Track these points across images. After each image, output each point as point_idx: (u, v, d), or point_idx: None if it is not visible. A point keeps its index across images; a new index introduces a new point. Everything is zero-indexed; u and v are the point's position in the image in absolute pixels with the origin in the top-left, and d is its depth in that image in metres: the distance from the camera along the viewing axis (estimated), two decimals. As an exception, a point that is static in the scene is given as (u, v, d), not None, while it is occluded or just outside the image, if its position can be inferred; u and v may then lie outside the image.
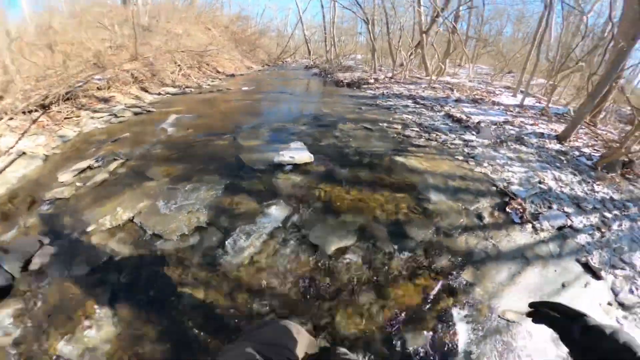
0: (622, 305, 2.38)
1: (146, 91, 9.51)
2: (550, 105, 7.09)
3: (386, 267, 2.55)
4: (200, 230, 2.84)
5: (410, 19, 15.34)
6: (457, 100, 7.77)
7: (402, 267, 2.56)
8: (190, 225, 2.88)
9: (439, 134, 5.28)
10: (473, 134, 5.31)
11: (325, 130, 5.36)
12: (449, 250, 2.78)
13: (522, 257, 2.76)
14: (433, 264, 2.62)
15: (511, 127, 5.67)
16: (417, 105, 7.35)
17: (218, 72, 14.57)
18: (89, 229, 2.82)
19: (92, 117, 6.58)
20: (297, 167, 3.89)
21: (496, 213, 3.30)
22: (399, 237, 2.85)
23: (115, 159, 4.15)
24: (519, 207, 3.35)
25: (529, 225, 3.13)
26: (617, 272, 2.66)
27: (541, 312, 0.85)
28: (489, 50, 16.57)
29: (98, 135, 5.30)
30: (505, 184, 3.74)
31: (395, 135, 5.21)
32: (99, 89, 8.32)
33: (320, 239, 2.76)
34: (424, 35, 10.85)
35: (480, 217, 3.22)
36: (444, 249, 2.78)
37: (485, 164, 4.19)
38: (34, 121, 5.72)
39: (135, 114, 6.81)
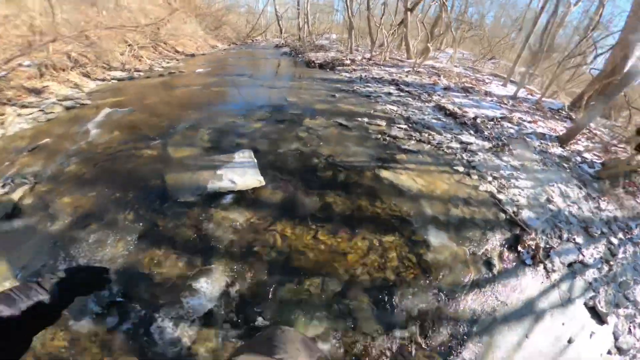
0: (619, 349, 2.30)
1: (89, 77, 8.14)
2: (543, 99, 6.47)
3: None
4: (118, 306, 1.94)
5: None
6: (446, 89, 6.97)
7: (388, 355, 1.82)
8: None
9: (432, 133, 4.48)
10: (471, 134, 4.59)
11: (287, 128, 4.29)
12: (451, 319, 2.13)
13: (532, 312, 2.36)
14: (430, 343, 1.94)
15: (510, 125, 5.03)
16: (402, 93, 6.48)
17: (177, 51, 13.07)
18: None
19: (19, 115, 5.43)
20: (241, 195, 2.82)
21: (506, 254, 2.68)
22: (386, 311, 2.09)
23: (23, 182, 3.19)
24: (532, 243, 2.83)
25: (541, 267, 2.69)
26: (620, 311, 2.56)
27: None
28: (473, 35, 15.84)
29: (19, 140, 4.37)
30: (514, 209, 3.12)
31: (379, 135, 4.27)
32: (29, 78, 6.96)
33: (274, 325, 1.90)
34: (408, 13, 9.80)
35: (489, 264, 2.55)
36: (444, 320, 2.09)
37: (490, 178, 3.51)
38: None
39: (67, 108, 5.70)
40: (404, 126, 4.60)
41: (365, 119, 4.76)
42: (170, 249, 2.25)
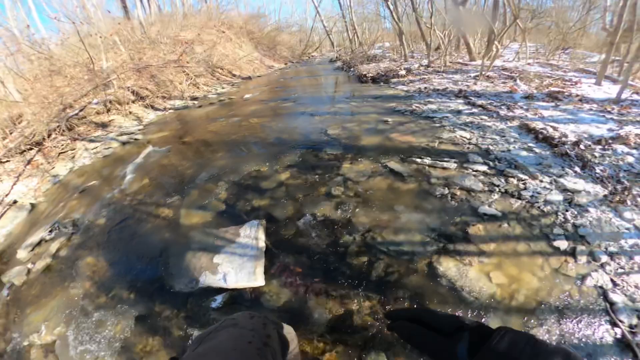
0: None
1: (152, 107, 8.56)
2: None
3: None
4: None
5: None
6: (528, 97, 5.45)
7: None
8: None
9: (523, 176, 3.00)
10: (576, 172, 3.05)
11: (318, 180, 3.34)
12: None
13: None
14: None
15: (626, 150, 3.39)
16: (474, 109, 5.11)
17: (233, 75, 13.49)
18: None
19: (86, 149, 5.85)
20: (235, 296, 2.10)
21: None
22: None
23: (64, 231, 3.24)
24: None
25: None
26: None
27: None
28: (538, 24, 14.00)
29: (77, 178, 4.67)
30: (633, 322, 1.71)
31: (445, 189, 2.91)
32: (97, 113, 7.49)
33: None
34: (460, 7, 8.76)
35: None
36: None
37: (604, 258, 2.06)
38: (29, 162, 5.24)
39: (123, 143, 5.95)
40: (482, 167, 3.21)
41: (427, 160, 3.45)
42: (162, 342, 1.85)
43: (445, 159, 3.45)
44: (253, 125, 5.69)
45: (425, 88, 6.92)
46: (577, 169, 3.08)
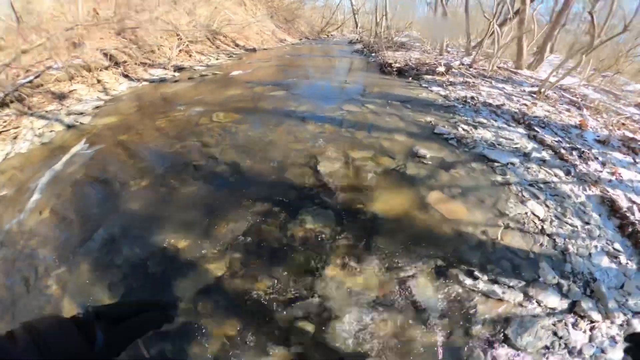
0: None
1: (127, 76, 7.01)
2: None
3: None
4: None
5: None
6: (603, 142, 3.93)
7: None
8: None
9: (594, 316, 1.88)
10: None
11: (272, 293, 1.86)
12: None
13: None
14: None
15: None
16: (543, 152, 3.56)
17: (237, 45, 11.76)
18: None
19: (31, 128, 4.59)
20: None
21: None
22: None
23: None
24: None
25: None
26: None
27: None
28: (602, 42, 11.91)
29: (2, 176, 3.42)
30: None
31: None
32: (58, 80, 5.99)
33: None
34: (527, 1, 6.82)
35: None
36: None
37: None
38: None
39: (68, 126, 4.58)
40: (554, 298, 1.97)
41: (480, 278, 1.99)
42: None
43: (506, 277, 2.01)
44: (210, 129, 3.90)
45: (473, 99, 5.13)
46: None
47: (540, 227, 2.48)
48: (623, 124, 4.59)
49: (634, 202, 2.83)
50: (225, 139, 3.61)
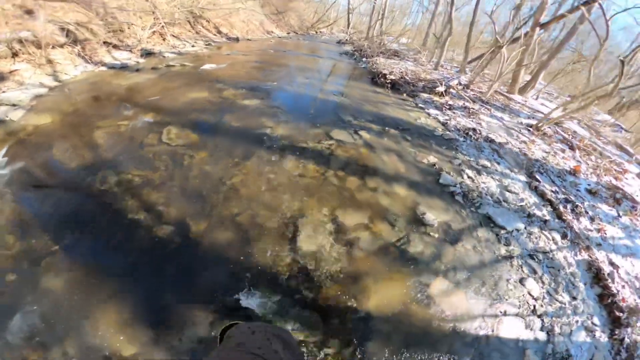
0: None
1: (85, 58, 6.07)
2: None
3: None
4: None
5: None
6: (593, 194, 3.91)
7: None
8: None
9: None
10: None
11: None
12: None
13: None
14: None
15: None
16: (544, 209, 3.35)
17: (219, 32, 10.84)
18: None
19: None
20: None
21: None
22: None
23: None
24: None
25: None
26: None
27: None
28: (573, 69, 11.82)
29: None
30: None
31: None
32: None
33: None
34: (537, 29, 6.32)
35: None
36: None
37: None
38: None
39: None
40: None
41: None
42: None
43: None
44: (157, 156, 2.92)
45: (475, 131, 4.70)
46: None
47: (533, 307, 2.34)
48: (608, 170, 4.65)
49: (615, 266, 2.91)
50: (174, 177, 2.70)
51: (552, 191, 3.66)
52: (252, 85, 5.36)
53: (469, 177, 3.53)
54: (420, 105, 5.58)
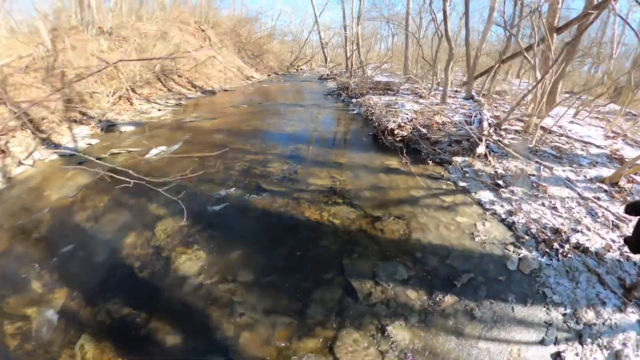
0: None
1: (43, 140, 5.16)
2: None
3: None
4: None
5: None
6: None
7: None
8: None
9: None
10: None
11: None
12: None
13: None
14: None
15: None
16: None
17: (194, 86, 10.13)
18: None
19: None
20: None
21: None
22: None
23: None
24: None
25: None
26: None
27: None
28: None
29: None
30: None
31: None
32: None
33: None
34: (554, 34, 5.14)
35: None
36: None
37: None
38: None
39: None
40: None
41: None
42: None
43: None
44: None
45: (557, 233, 2.89)
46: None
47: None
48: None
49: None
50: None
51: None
52: (213, 197, 3.46)
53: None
54: (460, 184, 3.79)
